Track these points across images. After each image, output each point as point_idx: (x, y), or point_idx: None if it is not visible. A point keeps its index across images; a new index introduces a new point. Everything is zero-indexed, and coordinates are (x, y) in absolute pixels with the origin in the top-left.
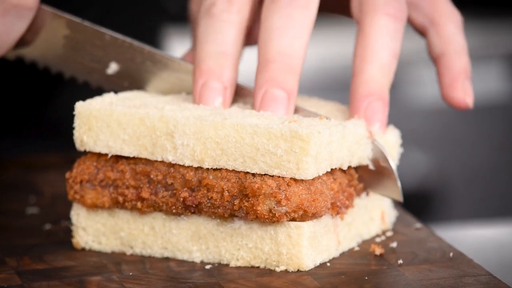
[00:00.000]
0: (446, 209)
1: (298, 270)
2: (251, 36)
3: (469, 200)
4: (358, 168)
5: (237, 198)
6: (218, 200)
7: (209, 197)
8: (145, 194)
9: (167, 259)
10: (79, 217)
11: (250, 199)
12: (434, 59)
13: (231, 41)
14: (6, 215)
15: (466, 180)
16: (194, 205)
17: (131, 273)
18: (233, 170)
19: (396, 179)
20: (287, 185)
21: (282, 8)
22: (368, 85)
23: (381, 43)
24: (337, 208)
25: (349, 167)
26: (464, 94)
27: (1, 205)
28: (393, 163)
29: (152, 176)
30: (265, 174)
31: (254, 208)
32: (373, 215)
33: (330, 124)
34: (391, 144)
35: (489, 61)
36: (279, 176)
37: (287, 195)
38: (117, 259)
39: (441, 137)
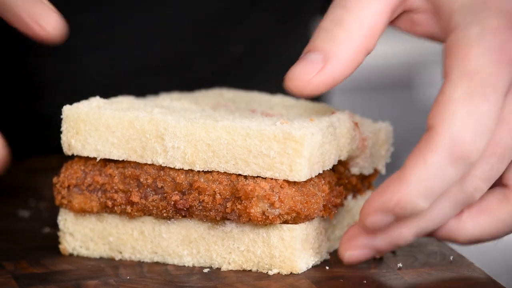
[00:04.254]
0: None
1: (291, 273)
2: None
3: None
4: None
5: (229, 200)
6: (210, 203)
7: (201, 200)
8: (134, 198)
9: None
10: (66, 222)
11: (243, 202)
12: None
13: None
14: (5, 218)
15: None
16: (185, 209)
17: (128, 277)
18: (224, 173)
19: None
20: (280, 187)
21: None
22: None
23: None
24: (328, 210)
25: (339, 165)
26: None
27: (0, 208)
28: None
29: (141, 180)
30: (257, 176)
31: (247, 210)
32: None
33: (322, 126)
34: (381, 142)
35: None
36: (271, 178)
37: (280, 197)
38: (115, 263)
39: None
